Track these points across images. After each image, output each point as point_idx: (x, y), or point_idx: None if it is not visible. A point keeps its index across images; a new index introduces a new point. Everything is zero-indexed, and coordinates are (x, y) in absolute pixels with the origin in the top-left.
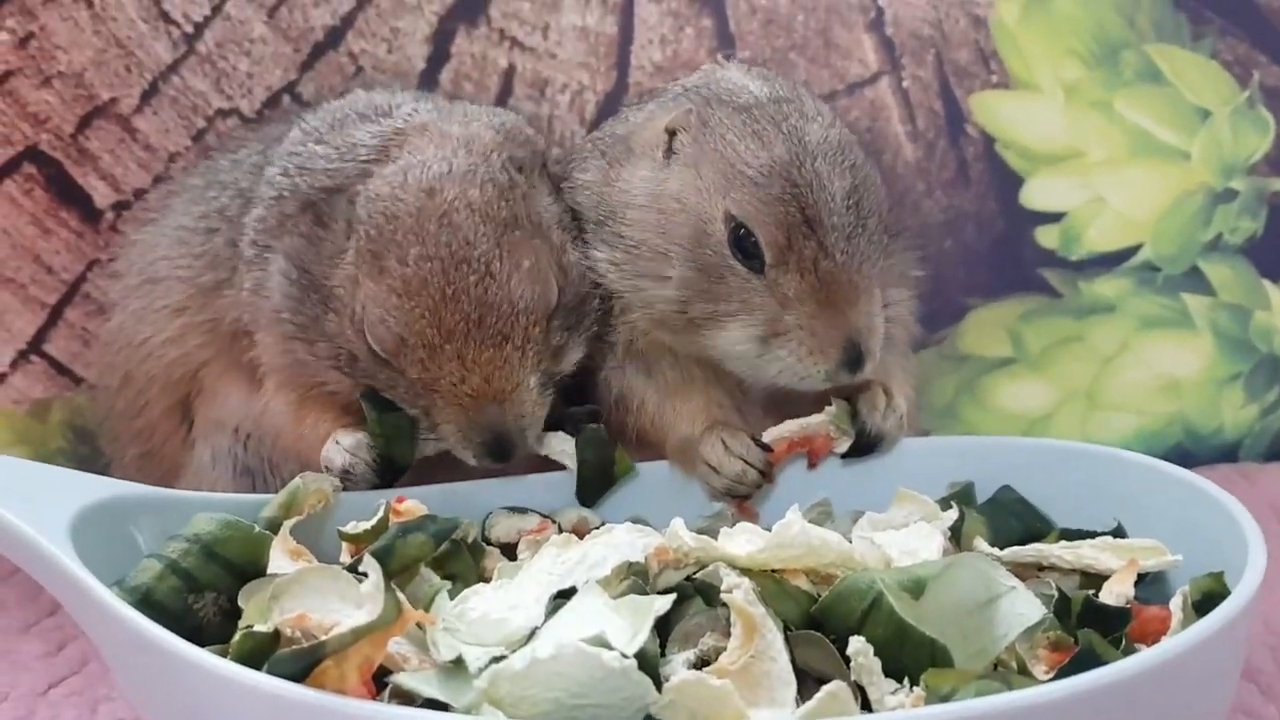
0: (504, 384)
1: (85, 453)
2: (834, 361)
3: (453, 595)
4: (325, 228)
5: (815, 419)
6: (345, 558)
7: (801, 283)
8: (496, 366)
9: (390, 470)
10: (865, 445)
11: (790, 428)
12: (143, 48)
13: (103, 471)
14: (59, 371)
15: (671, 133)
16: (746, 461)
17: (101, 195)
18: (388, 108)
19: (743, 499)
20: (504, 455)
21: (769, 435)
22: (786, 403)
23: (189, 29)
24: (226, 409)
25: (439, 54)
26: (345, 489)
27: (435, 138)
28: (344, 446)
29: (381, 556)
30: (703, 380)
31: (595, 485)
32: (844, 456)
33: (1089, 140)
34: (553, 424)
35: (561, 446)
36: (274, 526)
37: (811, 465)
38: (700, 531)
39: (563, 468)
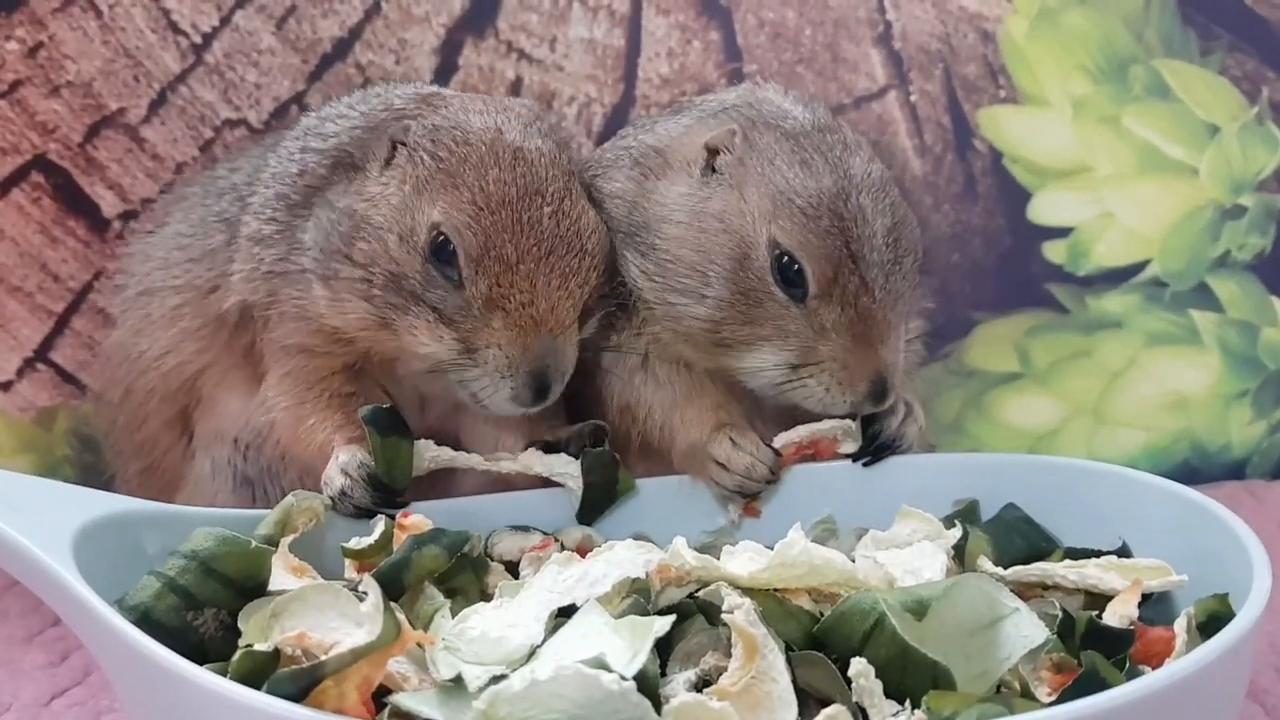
0: (565, 317)
1: (90, 461)
2: (861, 394)
3: (455, 610)
4: (357, 169)
5: (825, 425)
6: (349, 573)
7: (841, 316)
8: (561, 298)
9: (387, 494)
10: (880, 448)
11: (801, 433)
12: (151, 58)
13: (108, 482)
14: (65, 380)
15: (713, 150)
16: (755, 457)
17: (109, 205)
18: (405, 85)
19: (751, 498)
20: (541, 394)
21: (780, 440)
22: (798, 415)
23: (197, 39)
24: (225, 419)
25: (447, 65)
26: (341, 510)
27: (479, 99)
28: (342, 466)
29: (398, 569)
30: (713, 389)
31: (598, 505)
32: (858, 460)
33: (1097, 155)
34: (549, 446)
35: (564, 468)
36: (272, 544)
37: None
38: (702, 549)
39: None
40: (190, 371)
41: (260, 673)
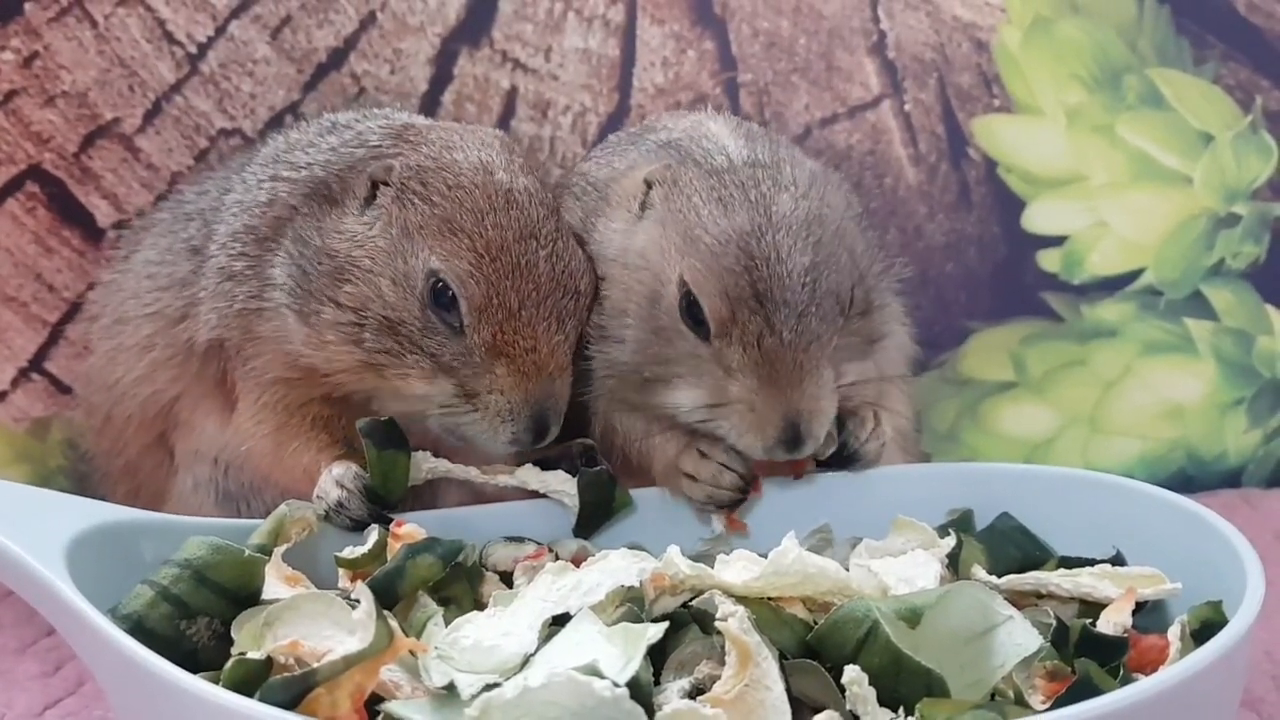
0: (563, 361)
1: (85, 470)
2: (771, 440)
3: (449, 619)
4: (333, 203)
5: None
6: (343, 583)
7: (744, 356)
8: (560, 342)
9: (382, 507)
10: (844, 460)
11: None
12: (146, 68)
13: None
14: (60, 390)
15: (650, 185)
16: (725, 465)
17: (104, 214)
18: (374, 115)
19: (729, 509)
20: (542, 435)
21: None
22: None
23: (192, 49)
24: (203, 440)
25: (441, 75)
26: (335, 522)
27: (456, 131)
28: (337, 479)
29: (393, 578)
30: None
31: (594, 522)
32: (820, 465)
33: (1091, 164)
34: (545, 462)
35: (561, 485)
36: (264, 553)
37: (796, 474)
38: (697, 558)
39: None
40: (165, 399)
41: (253, 681)
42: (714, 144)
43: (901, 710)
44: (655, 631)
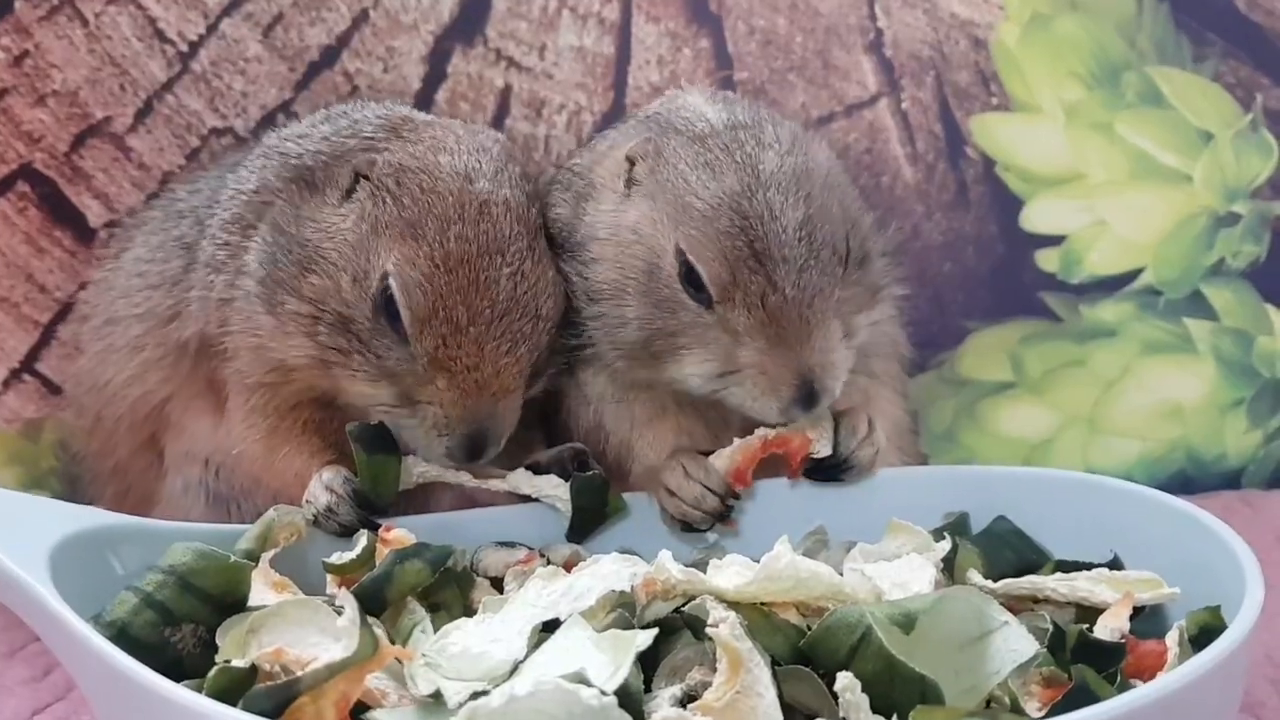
0: (509, 383)
1: (77, 472)
2: (786, 400)
3: (439, 625)
4: (315, 191)
5: (756, 434)
6: (331, 589)
7: (750, 318)
8: (509, 364)
9: (371, 511)
10: (836, 468)
11: (731, 449)
12: (137, 66)
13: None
14: (51, 391)
15: (632, 161)
16: (706, 487)
17: (95, 214)
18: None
19: (700, 530)
20: (477, 454)
21: (719, 454)
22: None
23: (184, 48)
24: (195, 442)
25: (435, 74)
26: (324, 527)
27: (454, 131)
28: (326, 483)
29: (380, 584)
30: (674, 410)
31: (587, 527)
32: (811, 476)
33: (1090, 163)
34: (537, 466)
35: (553, 490)
36: (252, 558)
37: (792, 471)
38: (691, 564)
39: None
40: (156, 400)
41: (237, 689)
42: (693, 112)
43: (895, 717)
44: (644, 638)
